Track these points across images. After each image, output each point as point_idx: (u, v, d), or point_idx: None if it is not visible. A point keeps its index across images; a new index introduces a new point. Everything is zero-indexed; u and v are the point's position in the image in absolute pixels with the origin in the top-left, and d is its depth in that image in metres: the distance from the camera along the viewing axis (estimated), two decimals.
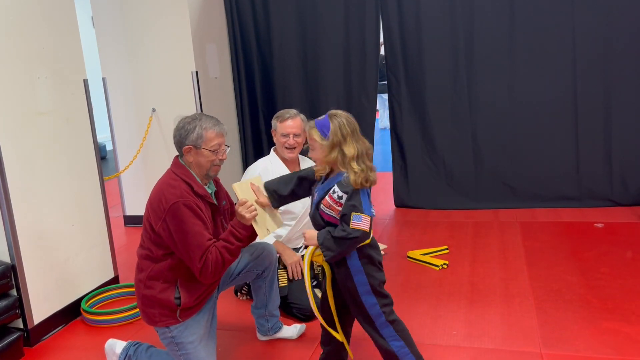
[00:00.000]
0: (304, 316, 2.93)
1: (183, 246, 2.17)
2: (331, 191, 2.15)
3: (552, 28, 4.34)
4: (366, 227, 2.09)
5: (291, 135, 3.05)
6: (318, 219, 2.22)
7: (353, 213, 2.08)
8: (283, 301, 2.89)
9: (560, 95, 4.43)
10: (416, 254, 3.72)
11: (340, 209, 2.13)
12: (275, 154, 3.16)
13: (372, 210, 2.17)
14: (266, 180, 2.43)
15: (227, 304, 3.17)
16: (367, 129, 4.86)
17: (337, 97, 4.90)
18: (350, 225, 2.08)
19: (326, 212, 2.17)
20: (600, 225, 4.08)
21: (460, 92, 4.61)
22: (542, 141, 4.52)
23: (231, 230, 2.25)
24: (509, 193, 4.62)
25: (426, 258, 3.63)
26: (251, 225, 2.24)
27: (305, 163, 3.19)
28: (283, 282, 2.97)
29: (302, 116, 3.11)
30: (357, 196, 2.11)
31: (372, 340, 2.27)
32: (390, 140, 4.91)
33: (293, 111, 3.12)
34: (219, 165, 2.33)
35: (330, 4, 4.74)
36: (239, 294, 3.28)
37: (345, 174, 2.13)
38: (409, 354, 2.24)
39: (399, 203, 4.93)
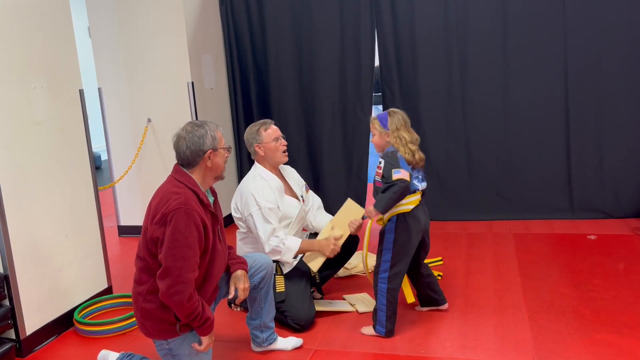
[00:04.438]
0: (299, 326, 2.92)
1: (168, 251, 2.11)
2: (378, 163, 2.70)
3: (544, 41, 4.39)
4: (405, 177, 2.57)
5: (281, 137, 3.07)
6: (375, 189, 2.72)
7: (393, 169, 2.59)
8: (277, 311, 2.88)
9: (553, 108, 4.47)
10: None
11: (381, 171, 2.64)
12: (262, 167, 3.08)
13: (419, 184, 2.75)
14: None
15: (221, 315, 3.16)
16: (361, 139, 4.89)
17: (332, 108, 4.93)
18: (392, 178, 2.57)
19: (377, 179, 2.68)
20: (592, 237, 4.10)
21: (454, 104, 4.64)
22: (536, 153, 4.55)
23: (210, 315, 2.25)
24: (502, 205, 4.64)
25: None
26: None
27: (286, 172, 3.22)
28: (280, 287, 2.96)
29: None
30: (394, 158, 2.63)
31: None
32: None
33: (267, 120, 3.15)
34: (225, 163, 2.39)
35: (326, 15, 4.78)
36: (232, 305, 3.28)
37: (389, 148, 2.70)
38: (384, 314, 2.72)
39: None
